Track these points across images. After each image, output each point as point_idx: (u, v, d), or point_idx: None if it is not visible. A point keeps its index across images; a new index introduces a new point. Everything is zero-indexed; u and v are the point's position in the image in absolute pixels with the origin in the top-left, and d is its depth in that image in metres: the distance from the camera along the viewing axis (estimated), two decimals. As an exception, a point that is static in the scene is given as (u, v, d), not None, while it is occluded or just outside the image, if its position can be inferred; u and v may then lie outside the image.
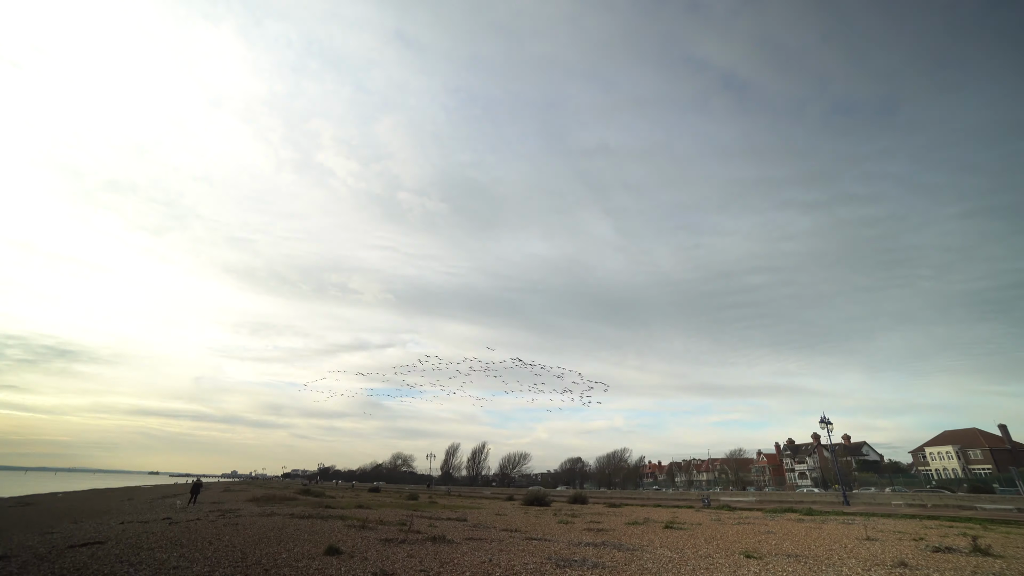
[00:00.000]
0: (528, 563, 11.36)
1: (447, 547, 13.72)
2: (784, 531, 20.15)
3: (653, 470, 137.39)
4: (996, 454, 79.67)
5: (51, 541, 15.21)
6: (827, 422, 49.72)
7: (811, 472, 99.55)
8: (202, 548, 12.96)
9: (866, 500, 48.62)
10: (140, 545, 13.55)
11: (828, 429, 49.86)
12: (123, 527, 19.02)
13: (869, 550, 14.37)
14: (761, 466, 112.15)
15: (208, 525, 18.68)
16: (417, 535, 16.11)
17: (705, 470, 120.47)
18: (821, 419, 50.01)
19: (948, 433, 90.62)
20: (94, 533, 17.02)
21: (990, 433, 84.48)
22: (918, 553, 13.80)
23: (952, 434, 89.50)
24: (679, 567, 11.26)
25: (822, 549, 14.67)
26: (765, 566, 11.52)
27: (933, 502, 44.35)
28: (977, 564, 11.96)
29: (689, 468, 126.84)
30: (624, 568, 11.06)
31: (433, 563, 11.13)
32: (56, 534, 17.49)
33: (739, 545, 15.50)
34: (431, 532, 17.06)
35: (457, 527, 19.98)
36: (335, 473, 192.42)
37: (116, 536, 15.78)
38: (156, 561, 11.14)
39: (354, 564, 10.84)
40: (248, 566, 10.51)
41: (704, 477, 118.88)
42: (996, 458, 78.85)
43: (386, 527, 18.85)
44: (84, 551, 12.75)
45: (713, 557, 12.91)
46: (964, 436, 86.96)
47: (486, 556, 12.31)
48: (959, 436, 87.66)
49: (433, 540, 14.92)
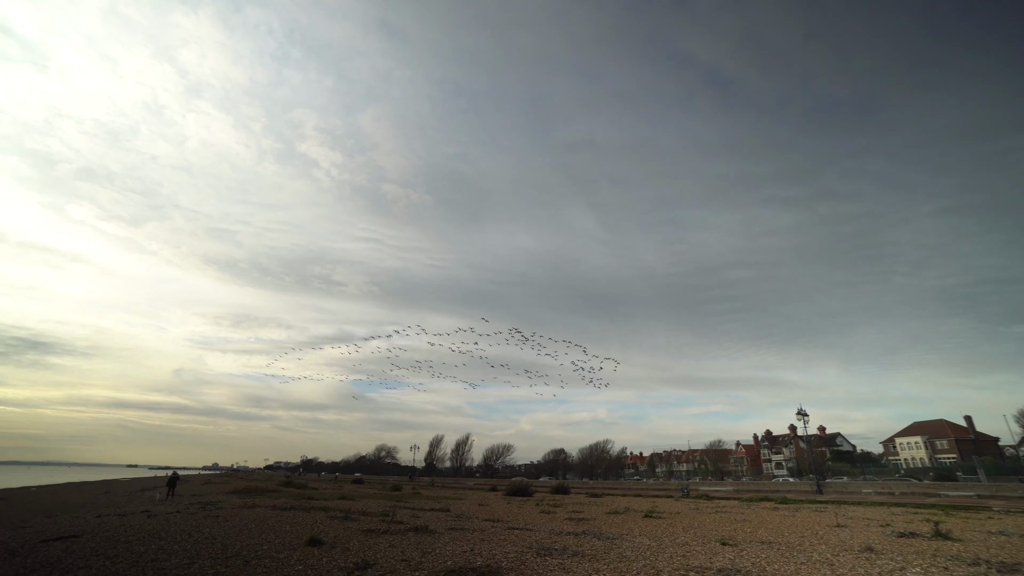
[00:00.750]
0: (509, 552, 11.54)
1: (429, 537, 13.84)
2: (759, 519, 20.76)
3: (635, 461, 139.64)
4: (961, 444, 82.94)
5: (23, 536, 14.92)
6: (803, 414, 51.13)
7: (787, 462, 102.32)
8: (181, 540, 12.86)
9: (838, 489, 50.23)
10: (117, 538, 13.37)
11: (804, 421, 51.28)
12: (99, 520, 18.72)
13: (839, 536, 14.92)
14: (739, 457, 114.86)
15: (188, 518, 18.50)
16: (400, 525, 16.20)
17: (685, 461, 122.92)
18: (798, 411, 51.39)
19: (917, 424, 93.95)
20: (69, 527, 16.73)
21: (956, 424, 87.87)
22: (884, 538, 14.38)
23: (921, 425, 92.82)
24: (657, 554, 11.55)
25: (794, 536, 15.19)
26: (740, 553, 11.90)
27: (901, 490, 46.08)
28: (938, 548, 12.53)
29: (670, 459, 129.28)
30: (603, 556, 11.31)
31: (415, 553, 11.23)
32: (29, 528, 17.15)
33: (715, 533, 15.95)
34: (413, 523, 17.17)
35: (440, 517, 20.13)
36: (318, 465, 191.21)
37: (92, 530, 15.54)
38: (134, 554, 11.03)
39: (335, 555, 10.88)
40: (228, 558, 10.48)
41: (684, 467, 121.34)
42: (961, 448, 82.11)
43: (369, 518, 18.90)
44: (58, 545, 12.55)
45: (690, 545, 13.27)
46: (932, 427, 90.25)
47: (468, 546, 12.46)
48: (927, 427, 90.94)
49: (415, 530, 15.03)
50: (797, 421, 52.01)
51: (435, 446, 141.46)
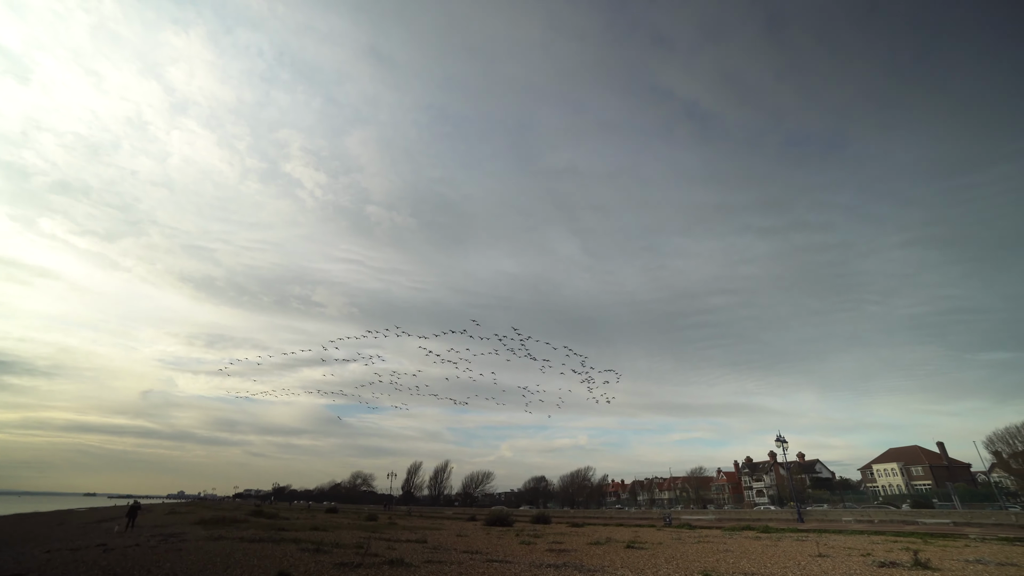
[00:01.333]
0: (488, 586, 11.09)
1: (404, 571, 13.26)
2: (741, 549, 20.51)
3: (616, 489, 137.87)
4: (935, 470, 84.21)
5: (-37, 572, 13.81)
6: (782, 441, 51.44)
7: (768, 490, 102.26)
8: (138, 577, 12.05)
9: (819, 517, 50.22)
10: None
11: (783, 448, 51.55)
12: (49, 556, 17.48)
13: (821, 566, 14.79)
14: (721, 484, 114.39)
15: (148, 551, 17.42)
16: (374, 558, 15.51)
17: (667, 488, 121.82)
18: (777, 438, 51.71)
19: (893, 451, 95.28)
20: (14, 565, 15.57)
21: (930, 450, 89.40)
22: (865, 568, 14.30)
23: (896, 451, 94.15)
24: (639, 587, 11.24)
25: (777, 567, 15.00)
26: (722, 585, 11.66)
27: (880, 518, 46.29)
28: (919, 578, 12.49)
29: (651, 487, 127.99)
30: (585, 590, 10.95)
31: (389, 588, 10.71)
32: (-30, 564, 15.91)
33: (698, 564, 15.66)
34: (389, 555, 16.47)
35: (416, 549, 19.37)
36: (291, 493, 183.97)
37: (40, 567, 14.49)
38: (84, 593, 10.25)
39: (305, 591, 10.30)
40: (188, 596, 9.82)
41: (666, 495, 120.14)
42: (935, 474, 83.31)
43: (342, 550, 18.08)
44: (1, 583, 11.62)
45: (673, 576, 12.97)
46: (907, 453, 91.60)
47: (445, 580, 11.96)
48: (902, 453, 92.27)
49: (391, 563, 14.40)
50: (777, 448, 52.24)
51: (413, 473, 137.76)
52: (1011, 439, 63.39)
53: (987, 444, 66.79)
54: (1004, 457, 65.26)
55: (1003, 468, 67.02)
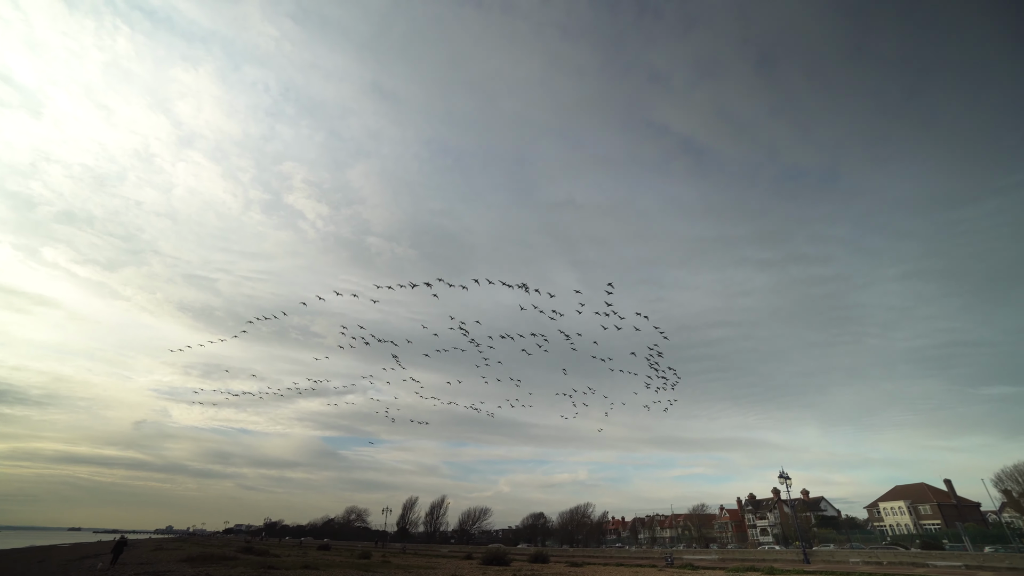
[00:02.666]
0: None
1: (398, 612, 12.93)
2: (744, 591, 19.95)
3: (616, 526, 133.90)
4: (944, 509, 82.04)
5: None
6: (786, 477, 50.45)
7: (772, 528, 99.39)
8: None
9: (825, 557, 48.76)
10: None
11: (787, 484, 50.51)
12: (33, 593, 17.01)
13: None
14: (724, 522, 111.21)
15: (133, 589, 16.96)
16: (367, 599, 15.11)
17: (668, 526, 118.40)
18: (780, 474, 50.75)
19: (899, 488, 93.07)
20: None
21: (937, 488, 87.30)
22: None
23: (903, 489, 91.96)
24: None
25: (780, 610, 14.60)
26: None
27: (888, 559, 44.93)
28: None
29: (652, 524, 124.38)
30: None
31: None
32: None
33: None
34: (382, 595, 16.04)
35: (411, 589, 18.85)
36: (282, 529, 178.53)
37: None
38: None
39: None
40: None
41: (667, 534, 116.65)
42: (944, 513, 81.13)
43: (334, 590, 17.62)
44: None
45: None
46: (914, 491, 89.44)
47: (439, 622, 11.67)
48: (909, 491, 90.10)
49: (384, 604, 14.03)
50: (780, 484, 51.22)
51: (408, 509, 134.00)
52: (1020, 477, 62.19)
53: (996, 482, 65.48)
54: (1015, 496, 63.78)
55: (1014, 507, 65.38)
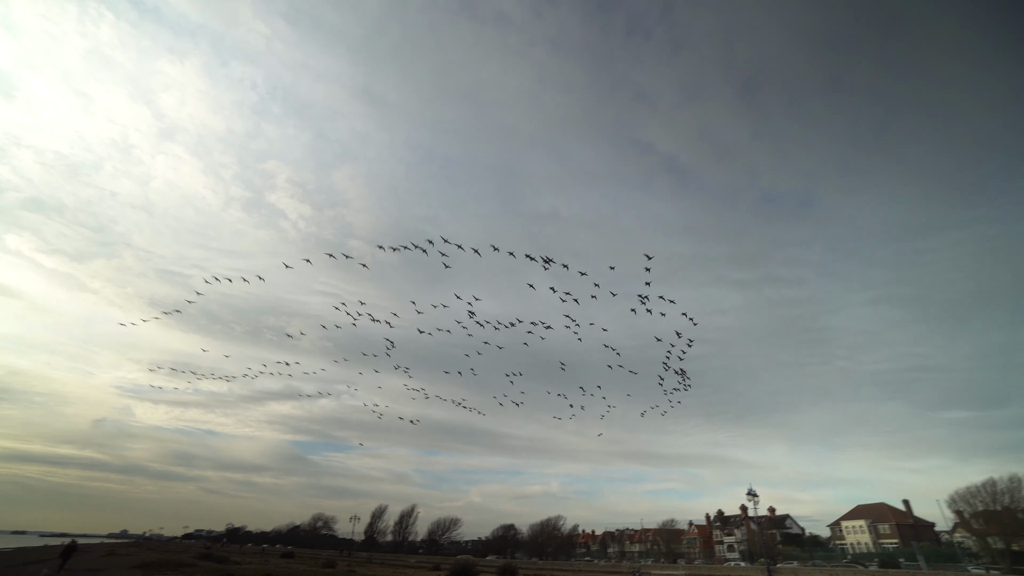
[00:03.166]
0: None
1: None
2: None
3: (586, 539, 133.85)
4: (902, 528, 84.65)
5: None
6: (754, 495, 51.30)
7: (739, 545, 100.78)
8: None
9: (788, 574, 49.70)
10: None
11: (755, 502, 51.40)
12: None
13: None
14: (692, 537, 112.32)
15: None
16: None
17: (638, 541, 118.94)
18: (748, 491, 51.59)
19: (861, 507, 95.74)
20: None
21: (896, 508, 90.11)
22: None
23: (864, 508, 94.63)
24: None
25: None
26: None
27: (847, 577, 46.08)
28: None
29: (622, 538, 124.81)
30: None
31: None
32: None
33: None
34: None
35: (375, 602, 18.55)
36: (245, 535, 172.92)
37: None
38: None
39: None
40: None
41: (636, 548, 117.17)
42: (902, 532, 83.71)
43: (295, 601, 17.22)
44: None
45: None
46: (874, 511, 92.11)
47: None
48: (870, 510, 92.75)
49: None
50: (748, 502, 52.07)
51: (377, 517, 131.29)
52: (972, 499, 64.50)
53: (950, 503, 67.78)
54: (966, 517, 66.14)
55: (965, 528, 67.79)
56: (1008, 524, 59.25)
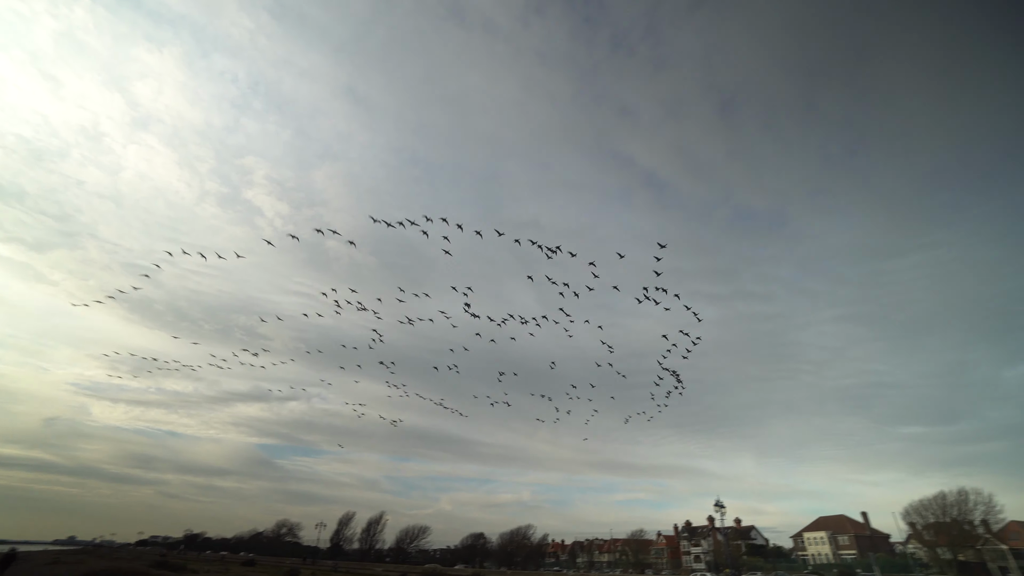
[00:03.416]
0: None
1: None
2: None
3: (556, 549, 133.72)
4: (860, 540, 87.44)
5: None
6: (721, 506, 52.34)
7: (705, 555, 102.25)
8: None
9: (750, 585, 50.66)
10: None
11: (721, 513, 52.42)
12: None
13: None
14: (660, 548, 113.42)
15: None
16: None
17: (607, 551, 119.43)
18: (716, 503, 52.61)
19: (822, 519, 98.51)
20: None
21: (855, 520, 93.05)
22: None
23: (825, 520, 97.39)
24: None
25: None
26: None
27: (806, 588, 47.28)
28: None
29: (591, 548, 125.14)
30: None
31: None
32: None
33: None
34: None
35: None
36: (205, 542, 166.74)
37: None
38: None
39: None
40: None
41: (605, 558, 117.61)
42: (860, 543, 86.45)
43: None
44: None
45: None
46: (835, 523, 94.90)
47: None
48: (831, 522, 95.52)
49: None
50: (715, 513, 53.07)
51: (344, 525, 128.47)
52: (924, 511, 67.17)
53: (904, 515, 70.41)
54: (918, 529, 68.82)
55: (918, 539, 70.49)
56: (956, 536, 61.92)
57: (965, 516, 62.73)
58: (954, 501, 64.11)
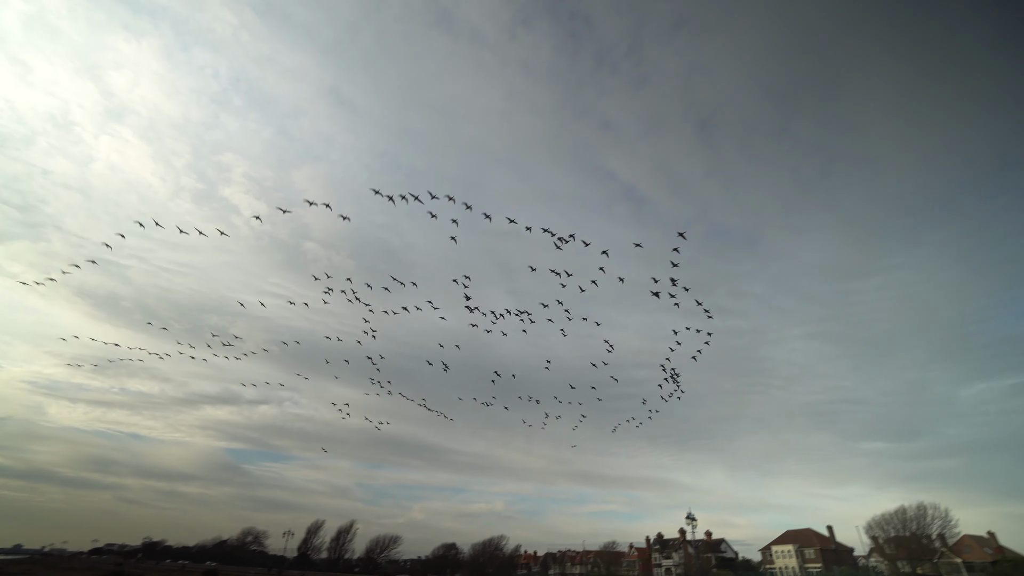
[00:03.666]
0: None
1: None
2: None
3: (528, 560, 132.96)
4: (825, 553, 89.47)
5: None
6: (692, 519, 53.16)
7: (676, 568, 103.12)
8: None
9: (720, 598, 51.36)
10: None
11: (693, 526, 53.20)
12: None
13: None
14: (632, 560, 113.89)
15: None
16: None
17: (579, 563, 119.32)
18: (687, 515, 53.40)
19: (789, 533, 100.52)
20: None
21: (821, 534, 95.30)
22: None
23: (792, 534, 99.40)
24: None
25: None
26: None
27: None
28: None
29: (564, 560, 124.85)
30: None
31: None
32: None
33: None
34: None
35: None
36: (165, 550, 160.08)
37: None
38: None
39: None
40: None
41: (577, 570, 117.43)
42: (825, 557, 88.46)
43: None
44: None
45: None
46: (801, 536, 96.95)
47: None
48: (797, 536, 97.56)
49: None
50: (687, 525, 53.81)
51: (312, 533, 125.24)
52: (885, 525, 69.56)
53: (867, 529, 72.74)
54: (880, 542, 71.11)
55: (879, 553, 72.79)
56: (915, 549, 64.21)
57: (923, 530, 65.17)
58: (913, 516, 66.59)
